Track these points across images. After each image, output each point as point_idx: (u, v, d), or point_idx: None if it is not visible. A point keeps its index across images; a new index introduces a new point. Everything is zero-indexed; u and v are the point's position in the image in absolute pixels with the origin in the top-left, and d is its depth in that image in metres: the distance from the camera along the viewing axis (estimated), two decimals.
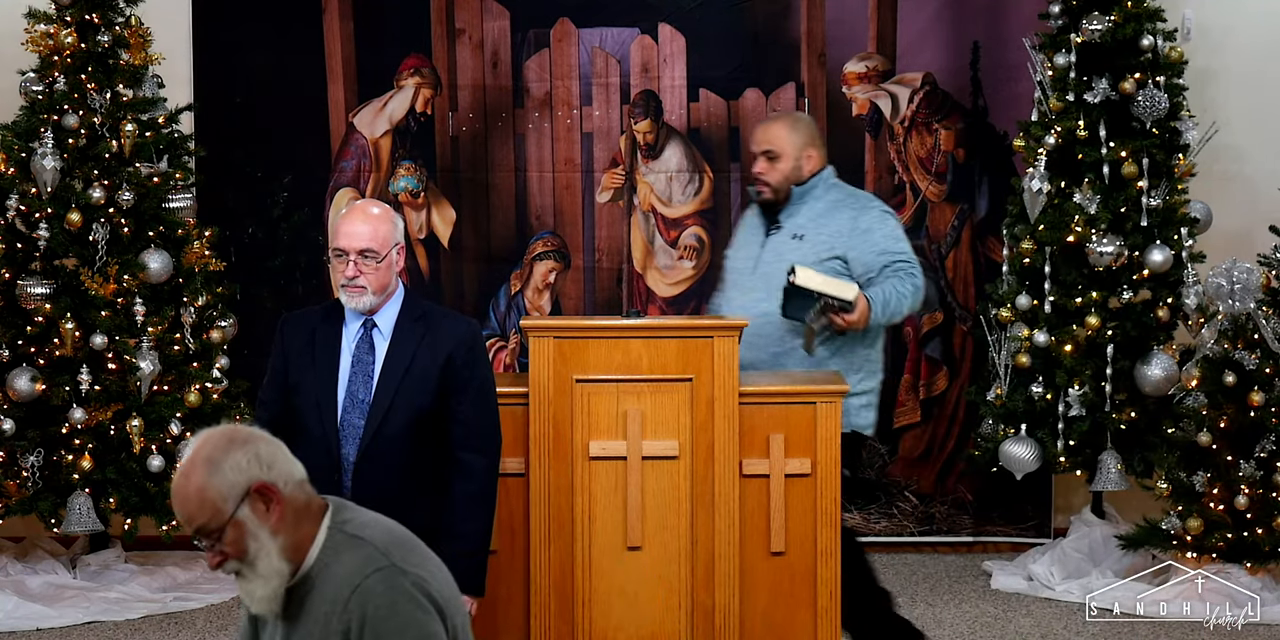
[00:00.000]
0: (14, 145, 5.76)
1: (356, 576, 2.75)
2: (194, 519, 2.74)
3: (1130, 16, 6.03)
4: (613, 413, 4.39)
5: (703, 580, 4.38)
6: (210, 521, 2.73)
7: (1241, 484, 5.60)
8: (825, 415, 4.42)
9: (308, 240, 6.56)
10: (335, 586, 2.76)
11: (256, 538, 2.74)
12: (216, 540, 2.74)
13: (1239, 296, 5.64)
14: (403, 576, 2.77)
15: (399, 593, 2.75)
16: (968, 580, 6.19)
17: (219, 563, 2.77)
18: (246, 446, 2.75)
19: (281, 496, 2.76)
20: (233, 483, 2.73)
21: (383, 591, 2.74)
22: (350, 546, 2.80)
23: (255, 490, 2.74)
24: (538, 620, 4.38)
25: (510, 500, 4.36)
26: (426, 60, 6.57)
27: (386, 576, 2.76)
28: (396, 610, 2.74)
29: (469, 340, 4.04)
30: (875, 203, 4.97)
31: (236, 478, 2.73)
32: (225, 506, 2.72)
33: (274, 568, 2.77)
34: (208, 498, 2.72)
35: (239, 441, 2.76)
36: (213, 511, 2.72)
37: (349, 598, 2.74)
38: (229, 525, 2.73)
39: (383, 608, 2.73)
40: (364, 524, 2.86)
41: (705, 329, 4.42)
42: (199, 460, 2.73)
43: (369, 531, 2.84)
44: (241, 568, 2.77)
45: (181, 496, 2.74)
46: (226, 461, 2.73)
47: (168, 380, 5.85)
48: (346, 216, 4.01)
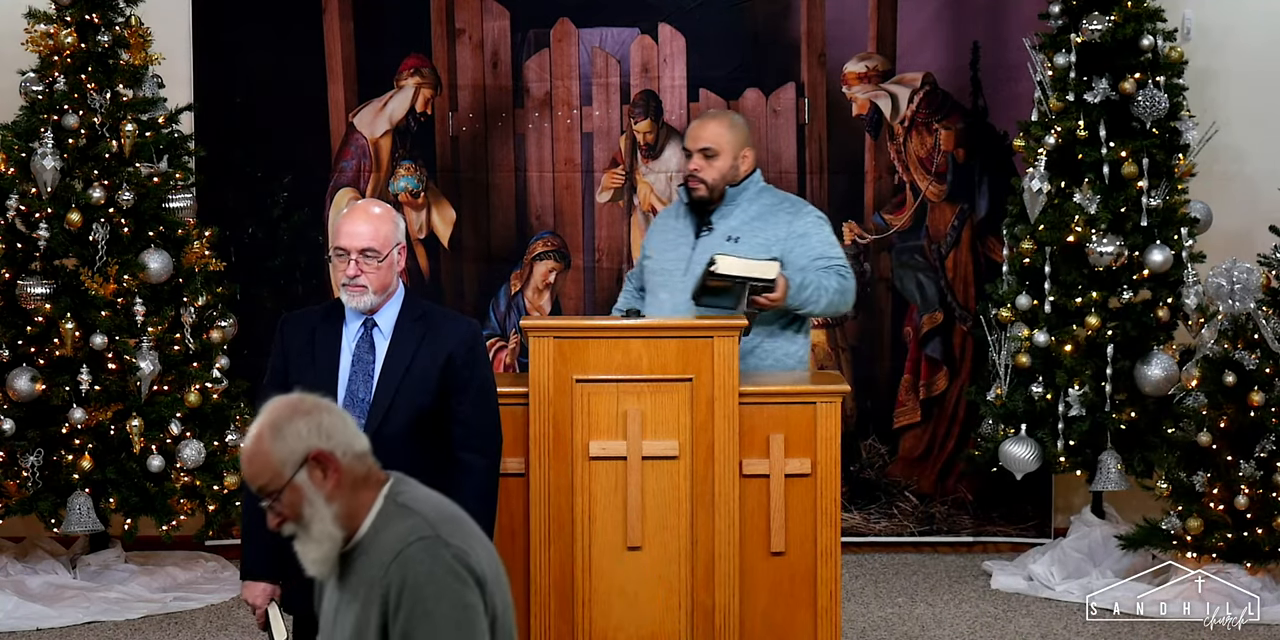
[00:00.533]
0: (14, 145, 5.76)
1: (400, 544, 2.85)
2: (255, 479, 2.87)
3: (1130, 16, 6.03)
4: (613, 413, 4.39)
5: (703, 580, 4.39)
6: (270, 483, 2.86)
7: (1241, 484, 5.60)
8: (825, 415, 4.42)
9: (308, 240, 6.56)
10: (380, 553, 2.87)
11: (312, 503, 2.86)
12: (275, 501, 2.87)
13: (1239, 296, 5.64)
14: (445, 548, 2.86)
15: (439, 563, 2.84)
16: (968, 580, 6.19)
17: (278, 523, 2.90)
18: (310, 416, 2.88)
19: (339, 465, 2.88)
20: (292, 449, 2.85)
21: (423, 560, 2.84)
22: (400, 516, 2.90)
23: (313, 457, 2.86)
24: (538, 620, 4.38)
25: (510, 500, 4.36)
26: (426, 60, 6.57)
27: (428, 546, 2.85)
28: (434, 578, 2.83)
29: (469, 340, 4.04)
30: (809, 207, 4.96)
31: (296, 445, 2.86)
32: (284, 471, 2.85)
33: (326, 532, 2.88)
34: (269, 461, 2.85)
35: (303, 411, 2.88)
36: (272, 474, 2.86)
37: (390, 564, 2.84)
38: (286, 488, 2.86)
39: (421, 575, 2.83)
40: (418, 497, 2.96)
41: (705, 329, 4.42)
42: (266, 425, 2.87)
43: (421, 504, 2.94)
44: (297, 530, 2.89)
45: (247, 457, 2.88)
46: (289, 428, 2.86)
47: (168, 380, 5.85)
48: (348, 216, 4.01)
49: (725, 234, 4.84)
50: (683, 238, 4.91)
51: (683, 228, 4.93)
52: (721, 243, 4.81)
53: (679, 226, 4.94)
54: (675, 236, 4.94)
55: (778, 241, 4.80)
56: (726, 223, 4.86)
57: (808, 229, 4.83)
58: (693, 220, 4.92)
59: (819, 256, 4.79)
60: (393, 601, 2.83)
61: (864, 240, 6.58)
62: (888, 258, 6.58)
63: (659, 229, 5.06)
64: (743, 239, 4.81)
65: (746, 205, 4.88)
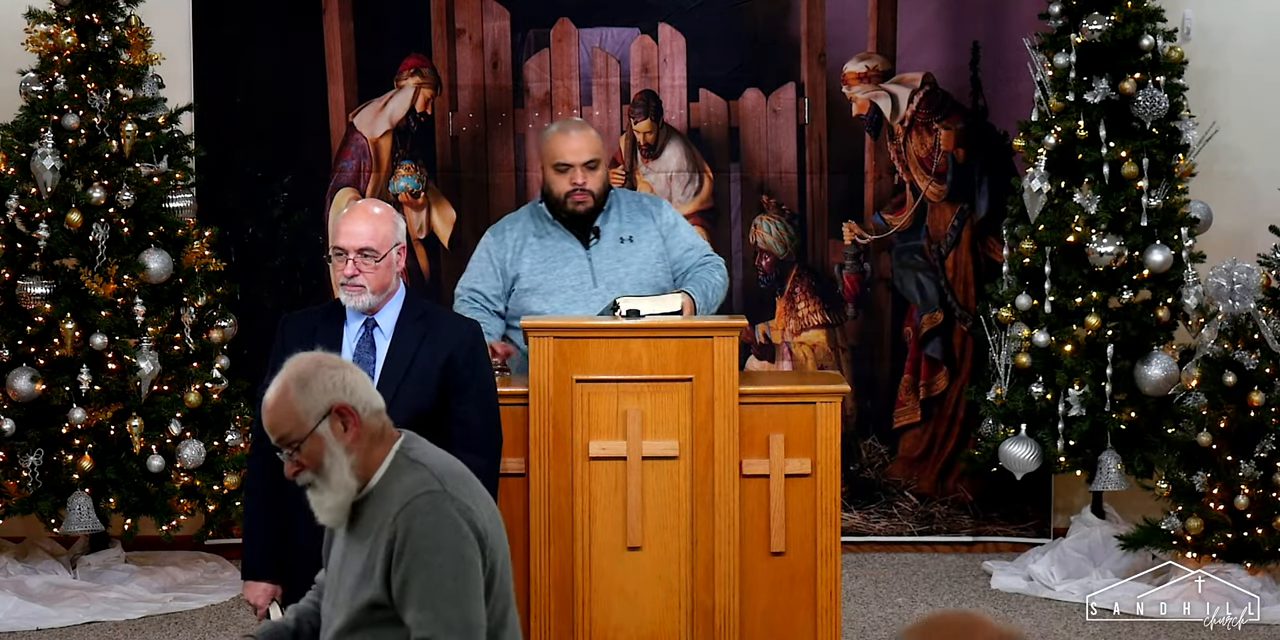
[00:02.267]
0: (14, 145, 5.76)
1: (408, 494, 3.02)
2: (278, 428, 3.03)
3: (1130, 16, 6.03)
4: (613, 413, 4.39)
5: (703, 580, 4.39)
6: (293, 432, 3.02)
7: (1241, 484, 5.60)
8: (825, 415, 4.42)
9: (308, 240, 6.56)
10: (389, 502, 3.03)
11: (332, 453, 3.03)
12: (296, 450, 3.02)
13: (1239, 296, 5.64)
14: (450, 502, 3.03)
15: (442, 515, 3.01)
16: (968, 580, 6.19)
17: (296, 472, 3.05)
18: (335, 371, 3.05)
19: (359, 419, 3.04)
20: (317, 400, 3.02)
21: (428, 512, 3.00)
22: (410, 469, 3.08)
23: (336, 410, 3.02)
24: (538, 620, 4.38)
25: (510, 500, 4.36)
26: (426, 60, 6.57)
27: (434, 499, 3.02)
28: (437, 529, 2.99)
29: (470, 340, 4.04)
30: (661, 200, 5.09)
31: (321, 397, 3.02)
32: (308, 421, 3.01)
33: (344, 482, 3.04)
34: (294, 411, 3.02)
35: (328, 365, 3.06)
36: (295, 424, 3.02)
37: (398, 513, 3.00)
38: (309, 438, 3.02)
39: (425, 526, 2.99)
40: (427, 453, 3.15)
41: (705, 329, 4.42)
42: (292, 377, 3.03)
43: (430, 459, 3.13)
44: (315, 479, 3.05)
45: (270, 407, 3.04)
46: (315, 382, 3.02)
47: (168, 380, 5.85)
48: (347, 215, 4.01)
49: (616, 236, 4.85)
50: (568, 252, 4.84)
51: (559, 242, 4.85)
52: (618, 245, 4.83)
53: (552, 241, 4.85)
54: (555, 252, 4.84)
55: (661, 233, 4.89)
56: (610, 226, 4.86)
57: (675, 220, 4.96)
58: (568, 233, 4.86)
59: (690, 247, 4.92)
60: (396, 549, 2.99)
61: (864, 240, 6.58)
62: (888, 258, 6.58)
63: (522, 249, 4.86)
64: (635, 236, 4.86)
65: (617, 206, 4.90)
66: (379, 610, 3.03)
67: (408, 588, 2.99)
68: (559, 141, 4.82)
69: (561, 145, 4.81)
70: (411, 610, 2.99)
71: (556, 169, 4.81)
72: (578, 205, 4.81)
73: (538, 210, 4.91)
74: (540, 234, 4.87)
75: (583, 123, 5.07)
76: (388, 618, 3.03)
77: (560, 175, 4.80)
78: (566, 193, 4.80)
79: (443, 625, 2.97)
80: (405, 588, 2.99)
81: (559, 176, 4.81)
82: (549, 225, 4.87)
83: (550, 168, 4.83)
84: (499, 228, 4.96)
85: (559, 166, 4.80)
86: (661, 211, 4.95)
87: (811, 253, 6.58)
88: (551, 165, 4.82)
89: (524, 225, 4.91)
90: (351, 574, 3.07)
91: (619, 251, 4.83)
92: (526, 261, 4.86)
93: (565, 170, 4.79)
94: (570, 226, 4.85)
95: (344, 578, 3.10)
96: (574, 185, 4.79)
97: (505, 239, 4.89)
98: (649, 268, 4.84)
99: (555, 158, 4.81)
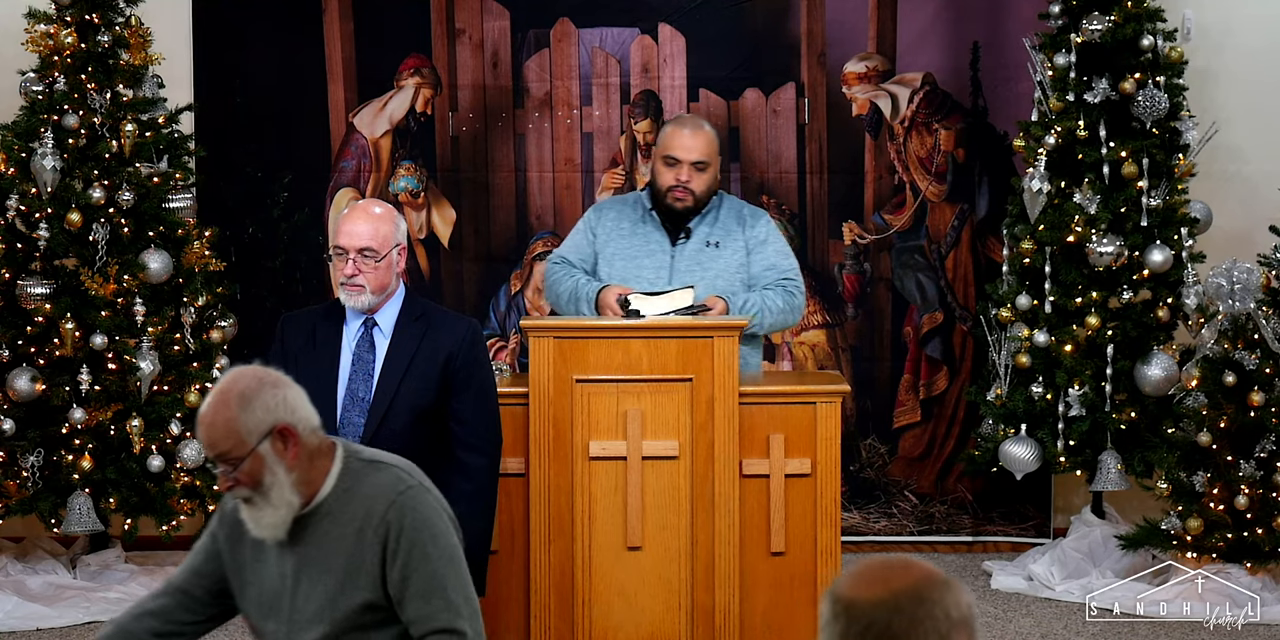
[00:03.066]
0: (14, 145, 5.76)
1: (391, 493, 3.05)
2: (217, 445, 2.97)
3: (1130, 16, 6.03)
4: (613, 413, 4.39)
5: (703, 580, 4.38)
6: (233, 450, 2.96)
7: (1241, 484, 5.60)
8: (825, 415, 4.43)
9: (308, 240, 6.56)
10: (365, 505, 3.05)
11: (273, 472, 2.99)
12: (234, 467, 2.97)
13: (1239, 296, 5.64)
14: (429, 493, 3.11)
15: (429, 507, 3.07)
16: (968, 580, 6.19)
17: (230, 487, 3.00)
18: (276, 390, 3.00)
19: (300, 439, 3.01)
20: (260, 420, 2.97)
21: (416, 507, 3.05)
22: (373, 470, 3.10)
23: (278, 430, 2.98)
24: (538, 620, 4.38)
25: (510, 500, 4.37)
26: (426, 60, 6.57)
27: (417, 493, 3.08)
28: (430, 521, 3.06)
29: (470, 340, 4.05)
30: (764, 213, 5.00)
31: (264, 416, 2.97)
32: (249, 440, 2.96)
33: (285, 499, 3.01)
34: (235, 429, 2.96)
35: (270, 383, 3.00)
36: (236, 441, 2.96)
37: (385, 511, 3.03)
38: (249, 457, 2.97)
39: (420, 519, 3.04)
40: (375, 453, 3.17)
41: (705, 329, 4.42)
42: (234, 393, 2.97)
43: (387, 458, 3.16)
44: (252, 495, 3.00)
45: (209, 423, 2.98)
46: (258, 400, 2.97)
47: (168, 380, 5.84)
48: (348, 215, 4.02)
49: (703, 240, 4.85)
50: (654, 245, 4.86)
51: (649, 234, 4.88)
52: (702, 249, 4.83)
53: (644, 232, 4.88)
54: (642, 243, 4.87)
55: (751, 244, 4.85)
56: (702, 229, 4.87)
57: (767, 235, 4.89)
58: (659, 227, 4.87)
59: (770, 266, 4.85)
60: (391, 547, 3.02)
61: (864, 240, 6.58)
62: (888, 258, 6.58)
63: (613, 232, 4.91)
64: (723, 243, 4.85)
65: (715, 211, 4.90)
66: (371, 613, 3.05)
67: (408, 582, 3.01)
68: (675, 135, 4.84)
69: (675, 140, 4.83)
70: (417, 603, 3.02)
71: (665, 161, 4.83)
72: (676, 201, 4.83)
73: (639, 199, 4.95)
74: (635, 222, 4.90)
75: (703, 121, 4.98)
76: (378, 620, 3.05)
77: (667, 168, 4.82)
78: (669, 187, 4.82)
79: (454, 611, 3.03)
80: (405, 583, 3.01)
81: (666, 169, 4.83)
82: (646, 215, 4.90)
83: (660, 159, 4.86)
84: (602, 206, 5.04)
85: (668, 159, 4.82)
86: (756, 224, 4.90)
87: (811, 253, 6.58)
88: (661, 157, 4.85)
89: (623, 210, 4.94)
90: (321, 585, 3.06)
91: (701, 254, 4.83)
92: (613, 246, 4.89)
93: (673, 164, 4.81)
94: (665, 221, 4.87)
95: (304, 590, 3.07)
96: (678, 181, 4.81)
97: (604, 217, 4.95)
98: (726, 275, 4.82)
99: (666, 150, 4.84)
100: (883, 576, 1.96)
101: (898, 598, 1.93)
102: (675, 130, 4.86)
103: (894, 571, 1.98)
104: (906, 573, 1.98)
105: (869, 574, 1.96)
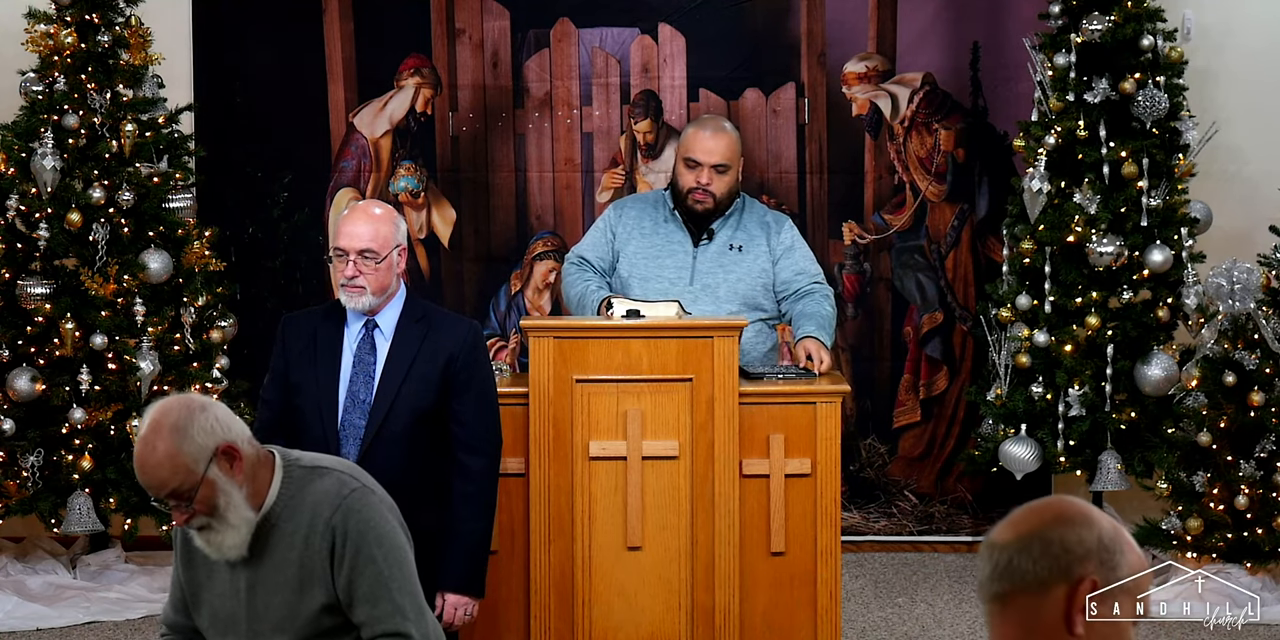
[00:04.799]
0: (14, 145, 5.76)
1: (335, 498, 3.04)
2: (167, 484, 2.93)
3: (1130, 16, 6.03)
4: (613, 413, 4.39)
5: (703, 580, 4.38)
6: (183, 484, 2.93)
7: (1241, 484, 5.60)
8: (825, 415, 4.43)
9: (308, 240, 6.56)
10: (311, 511, 3.03)
11: (226, 493, 2.96)
12: (188, 501, 2.94)
13: (1239, 296, 5.64)
14: (373, 495, 3.10)
15: (374, 510, 3.07)
16: (968, 580, 6.19)
17: (187, 519, 2.98)
18: (206, 412, 2.97)
19: (242, 453, 2.99)
20: (201, 446, 2.93)
21: (362, 508, 3.05)
22: (315, 476, 3.08)
23: (222, 451, 2.96)
24: (538, 620, 4.38)
25: (510, 500, 4.37)
26: (426, 60, 6.57)
27: (362, 495, 3.07)
28: (377, 523, 3.05)
29: (470, 342, 4.04)
30: (787, 219, 5.01)
31: (205, 441, 2.94)
32: (197, 468, 2.93)
33: (243, 516, 3.00)
34: (180, 462, 2.92)
35: (198, 408, 2.97)
36: (185, 474, 2.93)
37: (330, 516, 3.03)
38: (201, 485, 2.94)
39: (366, 521, 3.04)
40: (315, 458, 3.15)
41: (705, 329, 4.42)
42: (165, 429, 2.93)
43: (324, 462, 3.15)
44: (210, 521, 2.98)
45: (153, 464, 2.93)
46: (193, 427, 2.93)
47: (168, 380, 5.84)
48: (348, 216, 4.01)
49: (726, 242, 4.85)
50: (675, 245, 4.87)
51: (671, 234, 4.88)
52: (725, 252, 4.83)
53: (665, 232, 4.88)
54: (664, 242, 4.87)
55: (776, 250, 4.86)
56: (725, 232, 4.87)
57: (793, 242, 4.91)
58: (681, 227, 4.88)
59: (801, 271, 4.86)
60: (338, 550, 3.01)
61: (864, 240, 6.58)
62: (888, 258, 6.58)
63: (634, 231, 4.92)
64: (746, 247, 4.85)
65: (737, 215, 4.90)
66: (331, 616, 3.05)
67: (355, 586, 3.02)
68: (696, 137, 4.83)
69: (697, 142, 4.82)
70: (365, 607, 3.02)
71: (686, 163, 4.83)
72: (696, 204, 4.83)
73: (662, 198, 4.94)
74: (656, 221, 4.90)
75: (724, 123, 4.96)
76: (339, 624, 3.06)
77: (688, 170, 4.82)
78: (690, 189, 4.82)
79: (400, 615, 3.03)
80: (352, 587, 3.02)
81: (687, 171, 4.83)
82: (668, 214, 4.89)
83: (681, 160, 4.85)
84: (622, 203, 5.03)
85: (689, 161, 4.82)
86: (781, 230, 4.91)
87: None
88: (683, 158, 4.84)
89: (645, 209, 4.93)
90: (278, 595, 3.05)
91: (724, 257, 4.84)
92: (634, 244, 4.89)
93: (694, 167, 4.81)
94: (687, 221, 4.87)
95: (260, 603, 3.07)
96: (698, 183, 4.81)
97: (625, 216, 4.94)
98: (747, 280, 4.83)
99: (687, 152, 4.83)
100: (1017, 519, 2.13)
101: (1022, 538, 2.09)
102: (696, 132, 4.86)
103: (1029, 513, 2.14)
104: (1036, 514, 2.13)
105: (1010, 518, 2.13)
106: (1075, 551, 2.10)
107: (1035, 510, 2.14)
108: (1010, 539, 2.11)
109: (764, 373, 4.61)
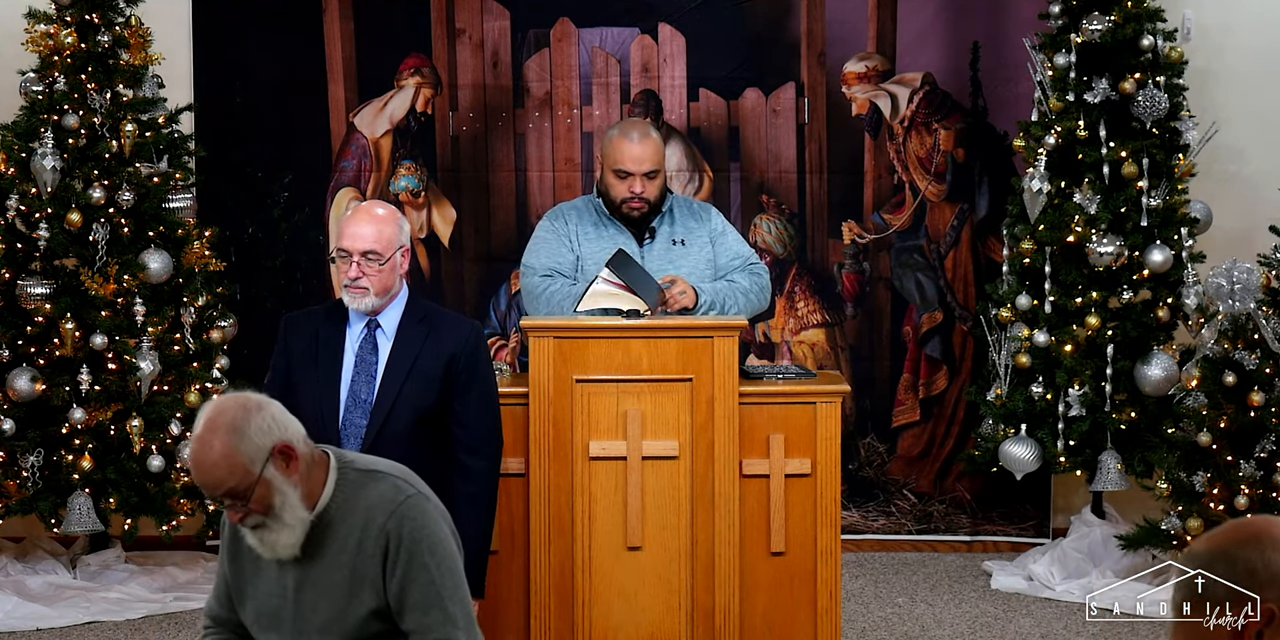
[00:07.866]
0: (14, 145, 5.76)
1: (390, 503, 3.06)
2: (224, 483, 2.95)
3: (1130, 16, 6.03)
4: (613, 413, 4.39)
5: (703, 580, 4.39)
6: (240, 483, 2.94)
7: (1241, 484, 5.60)
8: (825, 415, 4.43)
9: (308, 240, 6.56)
10: (365, 515, 3.05)
11: (282, 492, 2.98)
12: (245, 500, 2.96)
13: (1239, 296, 5.63)
14: (428, 501, 3.11)
15: (428, 517, 3.08)
16: (968, 580, 6.19)
17: (242, 518, 2.99)
18: (262, 411, 2.98)
19: (298, 453, 3.00)
20: (259, 445, 2.95)
21: (417, 515, 3.06)
22: (371, 480, 3.10)
23: (278, 450, 2.97)
24: (538, 620, 4.38)
25: (510, 500, 4.37)
26: (427, 60, 6.57)
27: (417, 502, 3.08)
28: (431, 529, 3.06)
29: (473, 342, 4.05)
30: (710, 205, 5.07)
31: (262, 440, 2.95)
32: (254, 468, 2.94)
33: (298, 516, 3.01)
34: (237, 462, 2.93)
35: (254, 408, 2.98)
36: (243, 474, 2.94)
37: (385, 522, 3.03)
38: (257, 484, 2.95)
39: (420, 528, 3.05)
40: (370, 461, 3.17)
41: (705, 329, 4.42)
42: (221, 428, 2.94)
43: (379, 465, 3.15)
44: (266, 520, 2.99)
45: (210, 464, 2.94)
46: (250, 427, 2.95)
47: (168, 380, 5.85)
48: (351, 217, 4.01)
49: (669, 238, 4.87)
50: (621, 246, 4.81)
51: (614, 236, 4.85)
52: (670, 248, 4.85)
53: (608, 235, 4.86)
54: (611, 245, 4.82)
55: (712, 238, 4.91)
56: (664, 229, 4.89)
57: (723, 227, 4.97)
58: (622, 230, 4.86)
59: (735, 255, 4.91)
60: (391, 556, 3.02)
61: (864, 240, 6.58)
62: (887, 258, 6.58)
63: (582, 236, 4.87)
64: (688, 240, 4.88)
65: (671, 211, 4.92)
66: (380, 621, 3.06)
67: (406, 594, 3.02)
68: (623, 147, 4.80)
69: (624, 152, 4.79)
70: (416, 614, 3.03)
71: (616, 174, 4.81)
72: (633, 211, 4.83)
73: (593, 203, 4.92)
74: (597, 225, 4.88)
75: (647, 127, 4.93)
76: (386, 630, 3.06)
77: (620, 181, 4.81)
78: (624, 199, 4.82)
79: (451, 624, 3.03)
80: (404, 594, 3.02)
81: (618, 181, 4.81)
82: (605, 220, 4.88)
83: (610, 171, 4.83)
84: (557, 213, 4.96)
85: (619, 173, 4.80)
86: (710, 218, 4.96)
87: (811, 252, 6.59)
88: (612, 170, 4.82)
89: (583, 214, 4.90)
90: (327, 597, 3.07)
91: (670, 253, 4.85)
92: (586, 248, 4.86)
93: (625, 177, 4.80)
94: (626, 225, 4.88)
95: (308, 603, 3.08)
96: (632, 193, 4.80)
97: (569, 221, 4.89)
98: (698, 271, 4.84)
99: (616, 163, 4.80)
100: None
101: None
102: (622, 141, 4.81)
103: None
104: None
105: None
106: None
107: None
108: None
109: (764, 372, 4.61)
